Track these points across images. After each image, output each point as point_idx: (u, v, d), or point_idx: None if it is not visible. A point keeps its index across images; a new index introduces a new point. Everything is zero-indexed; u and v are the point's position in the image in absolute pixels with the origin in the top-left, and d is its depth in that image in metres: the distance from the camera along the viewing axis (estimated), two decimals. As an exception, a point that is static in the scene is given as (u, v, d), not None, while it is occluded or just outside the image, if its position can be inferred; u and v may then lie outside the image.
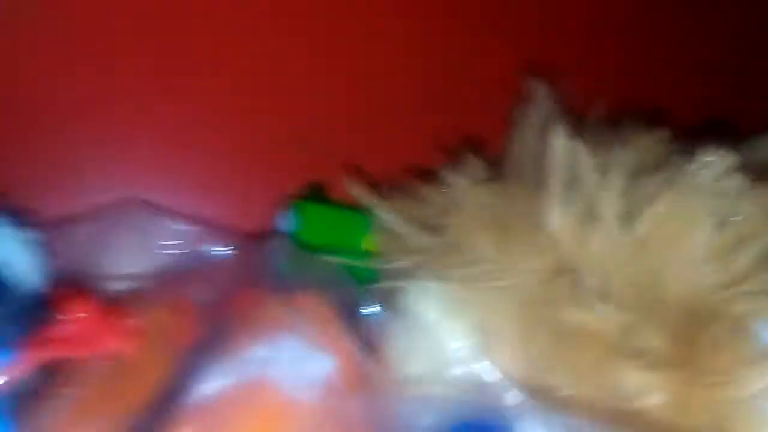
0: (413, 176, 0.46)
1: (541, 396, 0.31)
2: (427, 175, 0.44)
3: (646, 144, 0.37)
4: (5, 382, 0.32)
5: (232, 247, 0.48)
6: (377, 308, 0.41)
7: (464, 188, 0.40)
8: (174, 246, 0.48)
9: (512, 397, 0.30)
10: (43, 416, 0.34)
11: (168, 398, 0.34)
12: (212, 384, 0.33)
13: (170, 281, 0.45)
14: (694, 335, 0.31)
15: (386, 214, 0.42)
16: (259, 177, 0.50)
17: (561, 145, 0.34)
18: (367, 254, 0.45)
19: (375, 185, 0.47)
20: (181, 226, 0.48)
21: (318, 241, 0.45)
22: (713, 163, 0.33)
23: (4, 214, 0.36)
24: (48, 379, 0.36)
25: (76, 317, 0.34)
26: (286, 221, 0.48)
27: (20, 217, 0.37)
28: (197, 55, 0.48)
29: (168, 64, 0.48)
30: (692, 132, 0.38)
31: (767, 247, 0.33)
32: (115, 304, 0.36)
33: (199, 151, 0.49)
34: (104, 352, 0.34)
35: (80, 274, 0.45)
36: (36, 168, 0.46)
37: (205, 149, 0.49)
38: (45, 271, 0.38)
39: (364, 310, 0.41)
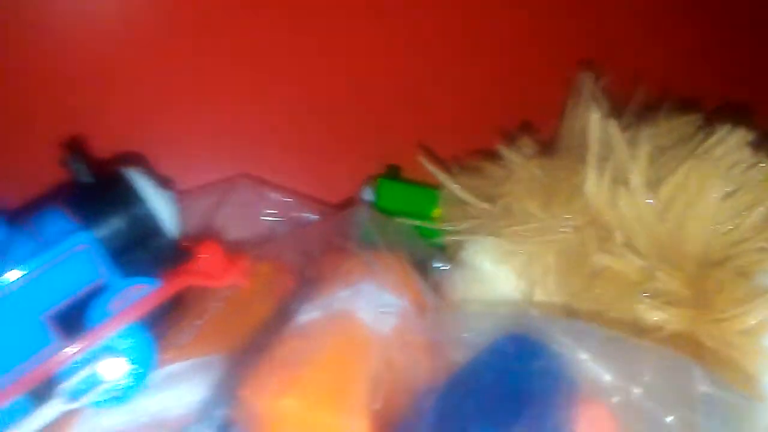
0: (477, 156, 0.52)
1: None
2: (489, 155, 0.49)
3: (674, 124, 0.43)
4: (151, 305, 0.38)
5: (322, 216, 0.56)
6: (444, 263, 0.47)
7: (518, 163, 0.45)
8: (275, 214, 0.56)
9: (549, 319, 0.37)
10: (175, 336, 0.41)
11: (271, 329, 0.41)
12: (306, 316, 0.39)
13: (271, 243, 0.53)
14: (704, 280, 0.37)
15: (453, 187, 0.48)
16: (345, 158, 0.57)
17: (596, 122, 0.40)
18: (435, 221, 0.51)
19: (444, 164, 0.54)
20: (281, 199, 0.55)
21: (394, 212, 0.51)
22: (727, 138, 0.39)
23: (150, 177, 0.44)
24: (179, 307, 0.45)
25: (205, 257, 0.40)
26: (367, 195, 0.54)
27: (160, 182, 0.43)
28: (293, 51, 0.53)
29: (269, 60, 0.54)
30: (716, 115, 0.43)
31: (769, 211, 0.38)
32: (234, 250, 0.43)
33: (296, 135, 0.56)
34: (226, 285, 0.41)
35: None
36: (169, 148, 0.53)
37: (301, 134, 0.56)
38: (180, 224, 0.44)
39: (433, 265, 0.47)
